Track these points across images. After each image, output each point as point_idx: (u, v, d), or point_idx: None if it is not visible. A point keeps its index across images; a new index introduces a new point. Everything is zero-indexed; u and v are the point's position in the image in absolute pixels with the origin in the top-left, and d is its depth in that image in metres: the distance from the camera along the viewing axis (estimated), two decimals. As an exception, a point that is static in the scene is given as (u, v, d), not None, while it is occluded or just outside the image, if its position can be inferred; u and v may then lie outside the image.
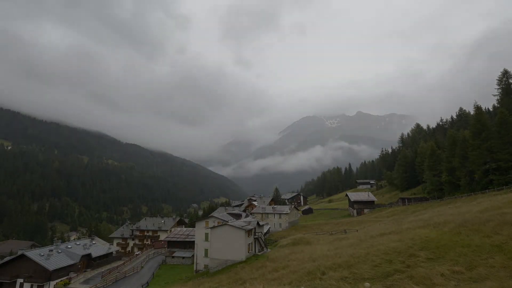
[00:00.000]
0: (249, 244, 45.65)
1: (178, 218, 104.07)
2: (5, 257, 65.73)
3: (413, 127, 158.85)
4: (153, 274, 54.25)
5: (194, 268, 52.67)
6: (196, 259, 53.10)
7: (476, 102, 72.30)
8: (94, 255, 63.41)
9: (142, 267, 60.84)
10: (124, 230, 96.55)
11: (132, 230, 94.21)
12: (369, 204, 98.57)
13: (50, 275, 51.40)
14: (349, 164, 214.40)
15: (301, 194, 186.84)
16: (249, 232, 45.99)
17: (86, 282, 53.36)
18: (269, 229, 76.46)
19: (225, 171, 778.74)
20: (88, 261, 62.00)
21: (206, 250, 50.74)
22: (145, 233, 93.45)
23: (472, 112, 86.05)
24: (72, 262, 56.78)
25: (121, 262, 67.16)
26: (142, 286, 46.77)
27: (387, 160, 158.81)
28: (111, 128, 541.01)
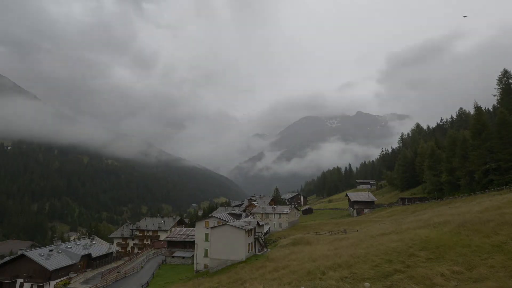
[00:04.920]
0: (249, 244, 45.65)
1: (178, 218, 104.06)
2: (5, 257, 65.74)
3: (413, 127, 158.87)
4: (153, 274, 54.24)
5: (194, 268, 52.67)
6: (196, 259, 53.09)
7: (476, 102, 72.34)
8: (94, 255, 63.39)
9: (142, 267, 60.83)
10: (124, 230, 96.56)
11: (132, 230, 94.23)
12: (369, 204, 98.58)
13: (50, 275, 51.42)
14: (349, 164, 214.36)
15: (301, 194, 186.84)
16: (249, 232, 46.00)
17: (86, 282, 53.36)
18: (269, 229, 76.49)
19: (225, 171, 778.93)
20: (88, 261, 61.98)
21: (206, 250, 50.75)
22: (145, 233, 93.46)
23: (472, 112, 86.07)
24: (72, 262, 56.78)
25: (121, 262, 67.15)
26: (142, 286, 46.76)
27: (387, 160, 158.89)
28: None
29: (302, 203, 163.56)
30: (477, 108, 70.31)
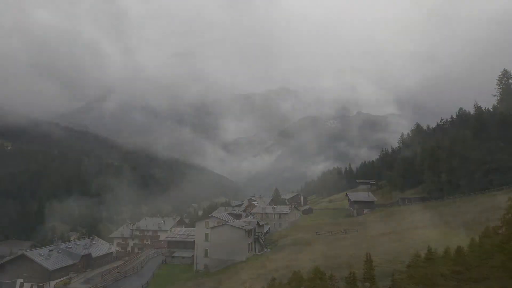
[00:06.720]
0: (249, 244, 45.70)
1: (178, 218, 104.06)
2: (5, 257, 65.72)
3: (413, 127, 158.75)
4: (153, 274, 54.20)
5: (194, 268, 52.66)
6: (196, 259, 53.07)
7: (476, 102, 72.37)
8: (94, 255, 63.37)
9: (142, 267, 60.78)
10: (124, 230, 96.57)
11: (132, 230, 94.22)
12: (369, 204, 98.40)
13: (50, 275, 51.41)
14: (349, 164, 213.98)
15: (301, 194, 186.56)
16: (249, 232, 46.04)
17: (86, 282, 53.31)
18: (269, 229, 76.47)
19: (225, 171, 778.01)
20: (88, 261, 61.96)
21: (206, 250, 50.76)
22: (145, 233, 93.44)
23: (472, 112, 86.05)
24: (72, 262, 56.78)
25: (121, 262, 67.10)
26: (142, 286, 46.77)
27: (387, 160, 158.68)
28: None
29: (302, 203, 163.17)
30: (477, 108, 70.33)
